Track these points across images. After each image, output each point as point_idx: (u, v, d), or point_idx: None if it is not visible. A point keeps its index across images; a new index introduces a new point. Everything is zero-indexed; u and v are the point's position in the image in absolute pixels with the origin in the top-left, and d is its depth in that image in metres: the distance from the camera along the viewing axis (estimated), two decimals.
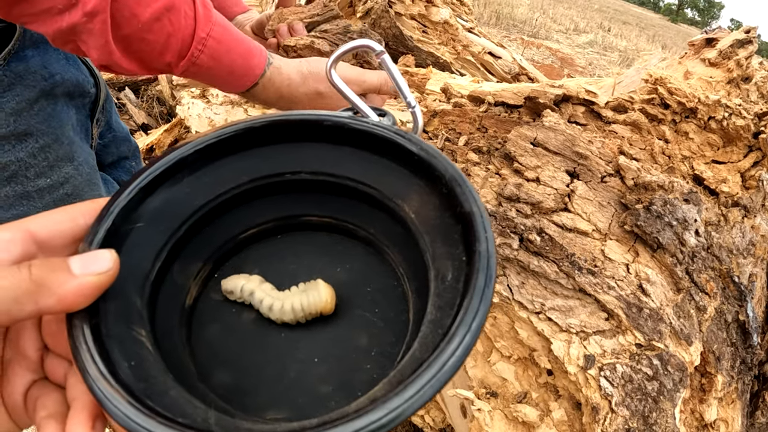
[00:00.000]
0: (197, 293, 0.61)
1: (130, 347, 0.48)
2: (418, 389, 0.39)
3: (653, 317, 1.14)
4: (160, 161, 0.57)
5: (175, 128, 3.36)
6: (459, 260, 0.49)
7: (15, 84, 1.00)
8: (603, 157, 1.32)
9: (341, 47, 0.71)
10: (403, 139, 0.57)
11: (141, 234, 0.55)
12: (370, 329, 0.57)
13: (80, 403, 0.47)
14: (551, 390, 1.16)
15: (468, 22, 3.22)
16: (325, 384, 0.53)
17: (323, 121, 0.60)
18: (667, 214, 1.20)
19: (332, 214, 0.64)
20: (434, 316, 0.47)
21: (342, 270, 0.62)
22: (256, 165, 0.62)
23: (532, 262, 1.18)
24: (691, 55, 1.73)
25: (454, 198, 0.51)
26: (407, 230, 0.57)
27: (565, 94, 1.45)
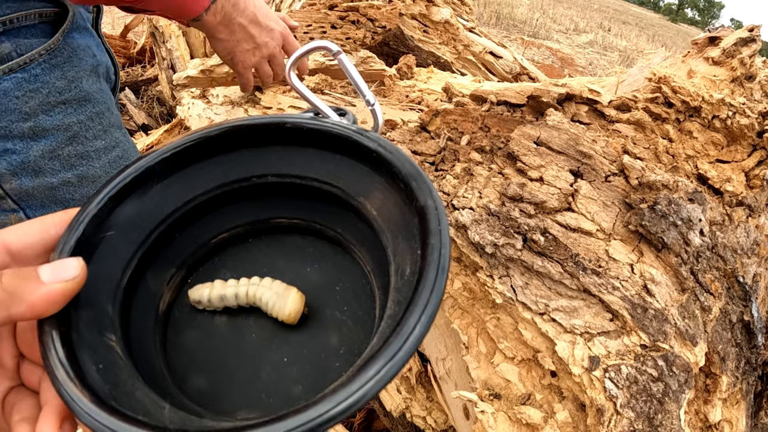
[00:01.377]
0: (171, 299, 0.62)
1: (100, 352, 0.50)
2: (364, 382, 0.40)
3: (658, 318, 1.13)
4: (128, 170, 0.58)
5: (175, 129, 3.36)
6: (416, 254, 0.49)
7: (72, 57, 1.12)
8: (607, 157, 1.31)
9: (299, 50, 0.72)
10: (362, 137, 0.58)
11: (112, 243, 0.56)
12: (341, 328, 0.58)
13: (50, 406, 0.50)
14: (555, 391, 1.16)
15: (469, 21, 3.21)
16: (296, 384, 0.54)
17: (284, 123, 0.62)
18: (672, 214, 1.19)
19: (301, 216, 0.66)
20: (392, 311, 0.48)
21: (312, 270, 0.64)
22: (224, 171, 0.63)
23: (536, 263, 1.18)
24: (694, 53, 1.72)
25: (411, 193, 0.51)
26: (371, 228, 0.58)
27: (568, 93, 1.44)
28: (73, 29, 1.14)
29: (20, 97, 1.07)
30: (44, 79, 1.09)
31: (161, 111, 4.33)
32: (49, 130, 1.13)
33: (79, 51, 1.15)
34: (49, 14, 1.08)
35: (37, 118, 1.10)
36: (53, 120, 1.13)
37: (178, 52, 3.77)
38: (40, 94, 1.09)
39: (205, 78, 2.43)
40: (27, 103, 1.08)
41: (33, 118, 1.10)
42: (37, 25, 1.07)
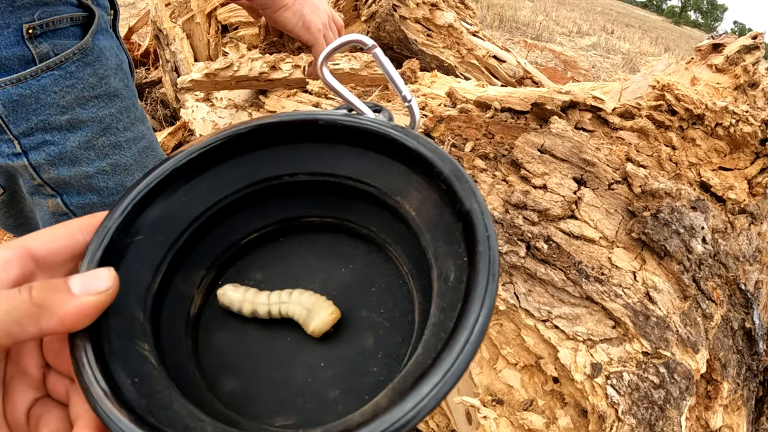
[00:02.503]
0: (202, 302, 0.60)
1: (134, 363, 0.48)
2: (419, 401, 0.39)
3: (660, 325, 1.14)
4: (155, 172, 0.57)
5: (179, 131, 3.36)
6: (461, 260, 0.47)
7: (100, 56, 1.19)
8: (610, 164, 1.32)
9: (332, 43, 0.70)
10: (400, 135, 0.56)
11: (140, 248, 0.55)
12: (376, 330, 0.56)
13: (84, 421, 0.48)
14: (557, 397, 1.16)
15: (472, 25, 3.22)
16: (332, 388, 0.52)
17: (317, 120, 0.60)
18: (675, 222, 1.20)
19: (333, 214, 0.64)
20: (437, 318, 0.46)
21: (346, 270, 0.62)
22: (253, 169, 0.62)
23: (539, 270, 1.18)
24: (697, 60, 1.73)
25: (454, 195, 0.50)
26: (408, 228, 0.56)
27: (572, 100, 1.45)
28: (98, 31, 1.20)
29: (58, 92, 1.13)
30: (79, 76, 1.16)
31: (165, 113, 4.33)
32: (85, 122, 1.19)
33: (106, 51, 1.22)
34: (79, 18, 1.16)
35: (74, 111, 1.16)
36: (88, 113, 1.19)
37: (182, 55, 3.77)
38: (76, 89, 1.16)
39: (209, 81, 2.43)
40: (64, 98, 1.14)
41: (70, 111, 1.16)
42: (68, 28, 1.14)
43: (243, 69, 2.34)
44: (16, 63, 1.08)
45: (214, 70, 2.39)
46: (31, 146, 1.15)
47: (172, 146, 3.36)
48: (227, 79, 2.39)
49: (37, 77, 1.11)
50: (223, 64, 2.38)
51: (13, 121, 1.11)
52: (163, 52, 3.90)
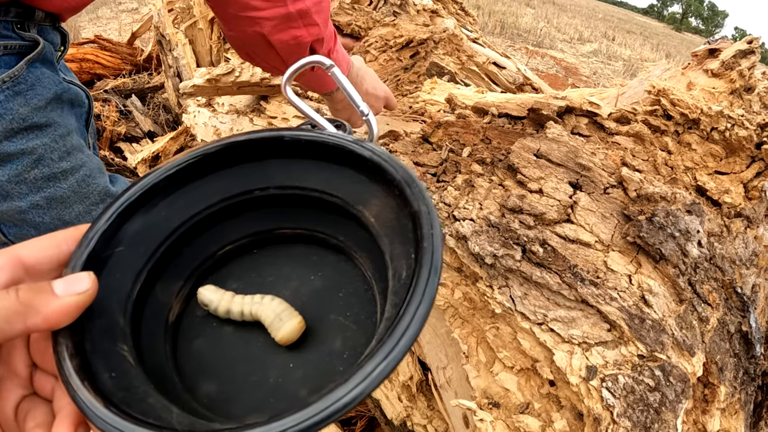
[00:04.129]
0: (180, 310, 0.64)
1: (113, 361, 0.52)
2: (362, 379, 0.42)
3: (655, 328, 1.14)
4: (134, 187, 0.60)
5: (180, 136, 3.38)
6: (411, 258, 0.51)
7: (35, 85, 1.14)
8: (606, 169, 1.33)
9: (293, 65, 0.75)
10: (357, 147, 0.60)
11: (121, 257, 0.59)
12: (344, 332, 0.60)
13: (64, 413, 0.52)
14: (553, 400, 1.17)
15: (472, 32, 3.23)
16: (302, 388, 0.56)
17: (283, 137, 0.64)
18: (670, 226, 1.21)
19: (304, 226, 0.68)
20: (390, 313, 0.50)
21: (315, 278, 0.65)
22: (226, 185, 0.65)
23: (535, 273, 1.19)
24: (694, 65, 1.74)
25: (405, 198, 0.53)
26: (370, 235, 0.60)
27: (568, 105, 1.46)
28: (38, 60, 1.16)
29: None
30: (7, 106, 1.10)
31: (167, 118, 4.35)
32: (14, 155, 1.14)
33: (43, 79, 1.17)
34: (15, 47, 1.11)
35: (1, 144, 1.12)
36: (16, 145, 1.14)
37: (184, 60, 3.79)
38: (4, 120, 1.10)
39: (211, 87, 2.45)
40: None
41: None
42: (0, 57, 1.09)
43: (245, 74, 2.36)
44: None
45: (216, 75, 2.40)
46: None
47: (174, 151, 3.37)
48: (229, 84, 2.40)
49: None
50: (225, 69, 2.39)
51: None
52: (166, 57, 3.92)
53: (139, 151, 3.68)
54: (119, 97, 4.34)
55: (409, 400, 1.77)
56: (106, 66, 4.74)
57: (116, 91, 4.38)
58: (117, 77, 4.73)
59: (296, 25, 1.23)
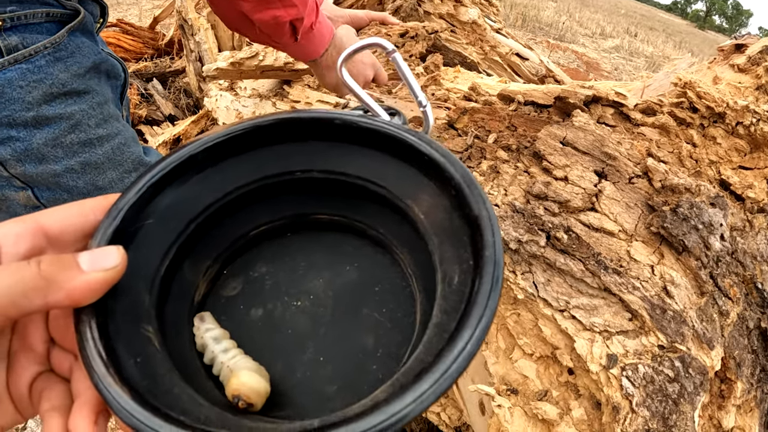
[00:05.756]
0: (206, 290, 0.61)
1: (137, 344, 0.49)
2: (419, 395, 0.40)
3: (676, 319, 1.14)
4: (169, 159, 0.58)
5: (202, 119, 3.39)
6: (467, 263, 0.49)
7: (75, 53, 1.17)
8: (631, 159, 1.33)
9: (352, 45, 0.72)
10: (414, 139, 0.57)
11: (150, 232, 0.55)
12: (377, 330, 0.57)
13: (84, 398, 0.49)
14: (572, 389, 1.17)
15: (496, 22, 3.22)
16: (330, 384, 0.53)
17: (334, 119, 0.60)
18: (694, 218, 1.20)
19: (342, 213, 0.65)
20: (440, 319, 0.47)
21: (351, 269, 0.62)
22: (266, 163, 0.62)
23: (559, 260, 1.19)
24: (720, 60, 1.73)
25: (464, 200, 0.51)
26: (416, 231, 0.57)
27: (594, 95, 1.46)
28: (79, 29, 1.19)
29: (24, 87, 1.11)
30: (48, 71, 1.13)
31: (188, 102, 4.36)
32: (52, 119, 1.16)
33: (84, 48, 1.19)
34: (56, 14, 1.13)
35: (40, 108, 1.14)
36: (55, 109, 1.16)
37: (206, 45, 3.79)
38: (44, 84, 1.13)
39: (235, 70, 2.45)
40: (30, 93, 1.12)
41: (36, 108, 1.13)
42: (43, 23, 1.11)
43: (268, 59, 2.36)
44: None
45: (240, 59, 2.41)
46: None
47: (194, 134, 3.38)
48: (252, 68, 2.40)
49: (3, 70, 1.08)
50: (249, 53, 2.40)
51: None
52: (188, 42, 3.92)
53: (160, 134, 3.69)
54: (140, 81, 4.35)
55: None
56: (128, 50, 4.75)
57: (137, 75, 4.39)
58: (138, 61, 4.74)
59: (275, 5, 1.24)
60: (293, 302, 0.60)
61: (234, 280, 0.63)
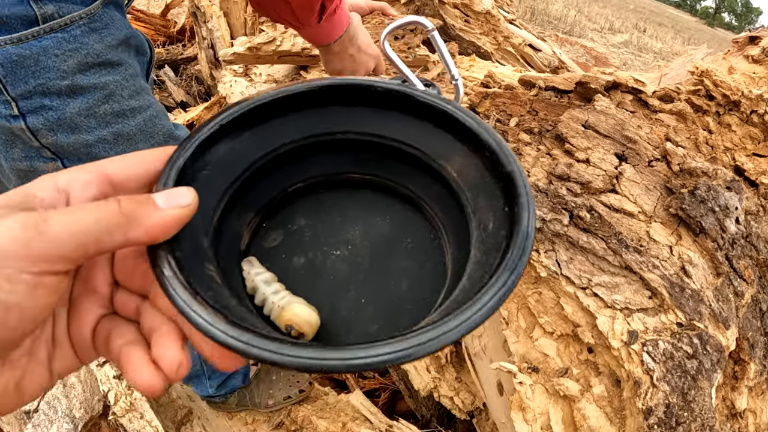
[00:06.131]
0: (249, 240, 0.64)
1: (206, 280, 0.51)
2: (480, 307, 0.44)
3: (694, 298, 1.17)
4: (222, 115, 0.60)
5: (214, 106, 3.41)
6: (500, 212, 0.54)
7: (109, 25, 1.17)
8: (651, 143, 1.35)
9: (394, 22, 0.76)
10: (450, 107, 0.61)
11: (207, 180, 0.58)
12: (411, 276, 0.61)
13: (164, 329, 0.50)
14: (592, 367, 1.19)
15: (509, 13, 3.24)
16: (372, 323, 0.57)
17: (376, 86, 0.64)
18: (711, 200, 1.23)
19: (374, 172, 0.68)
20: (479, 258, 0.53)
21: (383, 222, 0.67)
22: (309, 124, 0.66)
23: (581, 238, 1.21)
24: (734, 51, 1.76)
25: (497, 159, 0.55)
26: (448, 188, 0.61)
27: (615, 81, 1.48)
28: (112, 3, 1.19)
29: (59, 55, 1.11)
30: (83, 41, 1.13)
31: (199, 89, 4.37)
32: (86, 88, 1.17)
33: (116, 21, 1.20)
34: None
35: (75, 76, 1.14)
36: (90, 79, 1.17)
37: (218, 32, 3.80)
38: (79, 54, 1.13)
39: (252, 55, 2.46)
40: (65, 62, 1.12)
41: (71, 77, 1.14)
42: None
43: (286, 44, 2.37)
44: (18, 22, 1.06)
45: (257, 44, 2.42)
46: (29, 109, 1.13)
47: None
48: (269, 53, 2.42)
49: (39, 38, 1.09)
50: (266, 38, 2.41)
51: (11, 82, 1.09)
52: (200, 29, 3.93)
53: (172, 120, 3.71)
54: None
55: (437, 371, 1.79)
56: None
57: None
58: None
59: None
60: (333, 251, 0.64)
61: (274, 233, 0.66)
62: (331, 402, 2.14)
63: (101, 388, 1.84)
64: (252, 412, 2.12)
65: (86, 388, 1.85)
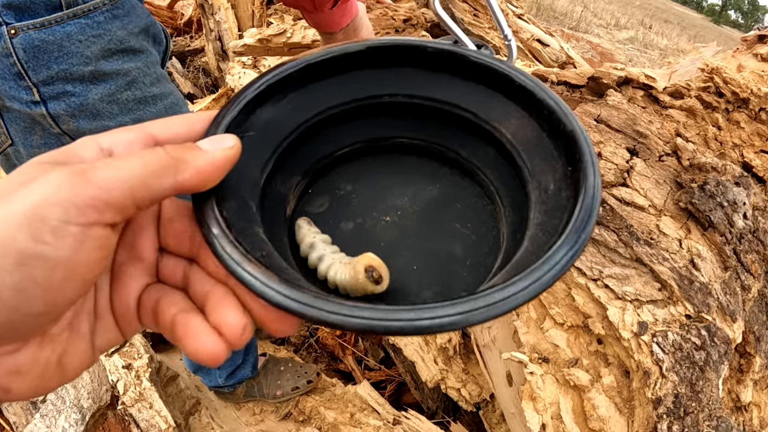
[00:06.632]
0: (294, 205, 0.62)
1: (257, 241, 0.49)
2: (559, 259, 0.43)
3: (703, 291, 1.18)
4: (267, 76, 0.58)
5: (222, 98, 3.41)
6: (560, 173, 0.53)
7: (131, 12, 1.18)
8: (661, 138, 1.37)
9: None
10: (504, 67, 0.58)
11: (252, 142, 0.56)
12: (464, 241, 0.59)
13: (220, 293, 0.48)
14: (601, 358, 1.20)
15: (518, 8, 3.25)
16: (426, 289, 0.55)
17: (426, 47, 0.62)
18: (719, 195, 1.24)
19: (422, 137, 0.66)
20: (540, 220, 0.51)
21: (432, 188, 0.64)
22: (357, 87, 0.63)
23: (594, 230, 1.23)
24: (743, 50, 1.77)
25: (556, 119, 0.54)
26: (502, 151, 0.60)
27: (627, 76, 1.49)
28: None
29: (83, 41, 1.12)
30: (106, 27, 1.14)
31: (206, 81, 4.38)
32: (109, 74, 1.17)
33: (137, 9, 1.21)
34: None
35: (98, 62, 1.15)
36: (113, 65, 1.17)
37: (226, 25, 3.81)
38: (102, 40, 1.14)
39: (262, 47, 2.47)
40: (89, 48, 1.13)
41: (94, 63, 1.14)
42: None
43: (296, 36, 2.39)
44: (42, 7, 1.07)
45: (268, 35, 2.43)
46: (51, 95, 1.13)
47: None
48: (280, 45, 2.43)
49: (62, 24, 1.09)
50: (277, 30, 2.43)
51: (33, 67, 1.10)
52: (207, 21, 3.94)
53: None
54: None
55: (444, 363, 1.80)
56: None
57: None
58: None
59: None
60: (382, 217, 0.62)
61: (320, 198, 0.64)
62: (339, 393, 2.15)
63: (110, 378, 1.85)
64: (260, 403, 2.14)
65: (94, 378, 1.86)
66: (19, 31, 1.07)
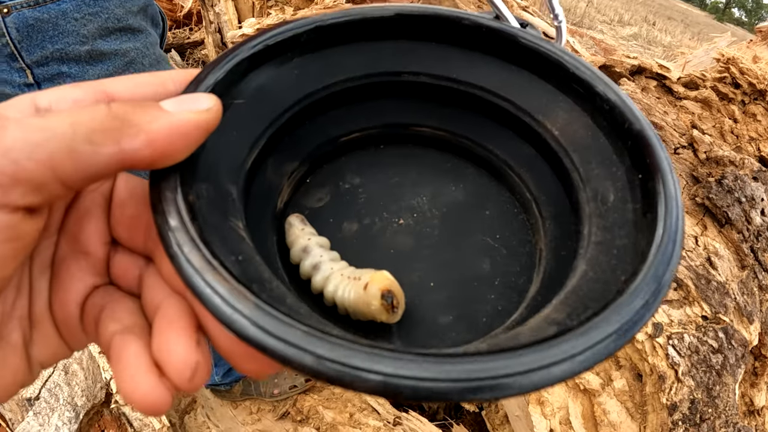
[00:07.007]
0: (288, 197, 0.52)
1: (232, 239, 0.38)
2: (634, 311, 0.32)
3: (720, 290, 1.14)
4: (269, 34, 0.48)
5: None
6: (622, 180, 0.43)
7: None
8: (677, 129, 1.32)
9: None
10: (555, 51, 0.49)
11: (240, 113, 0.46)
12: (493, 256, 0.49)
13: (170, 313, 0.35)
14: (612, 360, 1.16)
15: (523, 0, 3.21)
16: (444, 313, 0.45)
17: (462, 19, 0.52)
18: (737, 190, 1.19)
19: (447, 128, 0.56)
20: (600, 237, 0.41)
21: (456, 189, 0.55)
22: (373, 59, 0.53)
23: None
24: (758, 41, 1.73)
25: (620, 116, 0.44)
26: (545, 150, 0.50)
27: (640, 65, 1.45)
28: None
29: (79, 19, 1.07)
30: (103, 5, 1.10)
31: None
32: (107, 54, 1.13)
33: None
34: None
35: (95, 42, 1.10)
36: (111, 45, 1.13)
37: (226, 17, 3.78)
38: (99, 18, 1.09)
39: None
40: (85, 26, 1.08)
41: (91, 42, 1.10)
42: None
43: None
44: None
45: (266, 25, 2.39)
46: (45, 77, 1.09)
47: None
48: None
49: (57, 1, 1.04)
50: (276, 20, 2.39)
51: (26, 48, 1.05)
52: (207, 13, 3.91)
53: None
54: None
55: None
56: None
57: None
58: None
59: None
60: (394, 219, 0.52)
61: (319, 191, 0.54)
62: (338, 392, 2.11)
63: (104, 375, 1.81)
64: (257, 401, 2.10)
65: (88, 376, 1.82)
66: (12, 10, 1.02)
